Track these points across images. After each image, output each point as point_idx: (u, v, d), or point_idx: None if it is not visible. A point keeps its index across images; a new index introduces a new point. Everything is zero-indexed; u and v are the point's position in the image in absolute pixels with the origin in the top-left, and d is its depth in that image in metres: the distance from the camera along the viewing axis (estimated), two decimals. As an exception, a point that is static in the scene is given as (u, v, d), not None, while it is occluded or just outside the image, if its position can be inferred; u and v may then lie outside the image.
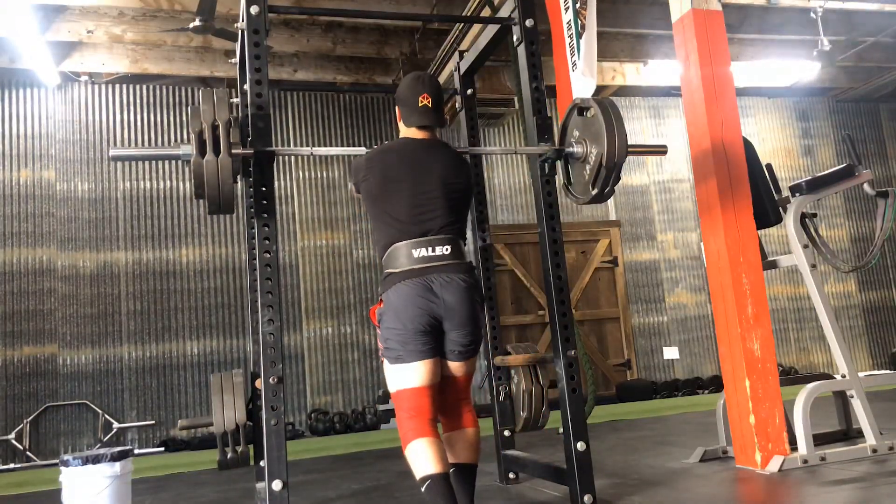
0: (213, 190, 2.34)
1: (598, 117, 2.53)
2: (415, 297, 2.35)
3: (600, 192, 2.57)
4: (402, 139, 2.58)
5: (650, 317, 8.05)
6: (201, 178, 2.34)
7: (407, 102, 2.54)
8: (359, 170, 2.53)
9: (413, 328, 2.35)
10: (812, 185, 3.56)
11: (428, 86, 2.54)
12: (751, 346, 3.14)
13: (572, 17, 3.12)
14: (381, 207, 2.46)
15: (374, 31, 6.57)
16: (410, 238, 2.40)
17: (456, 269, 2.41)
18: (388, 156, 2.51)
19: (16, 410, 6.19)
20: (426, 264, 2.38)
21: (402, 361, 2.39)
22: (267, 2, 2.56)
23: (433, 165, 2.48)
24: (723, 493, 2.81)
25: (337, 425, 6.57)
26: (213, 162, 2.31)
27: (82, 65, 6.47)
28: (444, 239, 2.42)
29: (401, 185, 2.44)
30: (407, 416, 2.37)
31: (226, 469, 2.84)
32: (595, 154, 2.54)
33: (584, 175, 2.63)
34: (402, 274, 2.38)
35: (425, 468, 2.26)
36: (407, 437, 2.33)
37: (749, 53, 7.33)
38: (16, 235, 6.44)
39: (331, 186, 7.35)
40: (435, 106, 2.52)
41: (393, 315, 2.38)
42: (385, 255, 2.46)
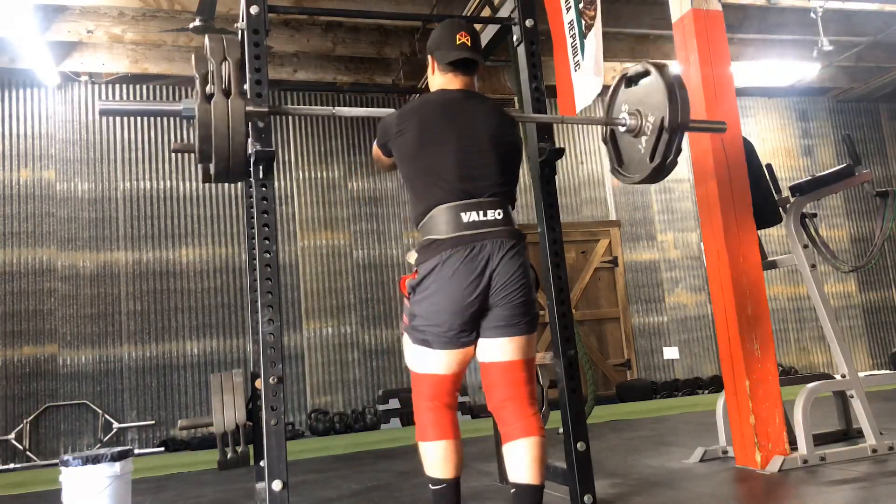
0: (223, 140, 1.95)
1: (655, 81, 2.33)
2: (464, 269, 2.02)
3: (661, 163, 2.32)
4: (439, 91, 2.26)
5: (650, 317, 8.05)
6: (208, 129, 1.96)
7: (441, 43, 2.25)
8: (389, 127, 2.21)
9: (455, 309, 2.03)
10: (812, 186, 3.56)
11: (465, 26, 2.27)
12: (751, 346, 3.14)
13: (575, 17, 3.12)
14: (420, 166, 2.14)
15: (374, 31, 6.57)
16: (458, 199, 2.08)
17: (509, 235, 2.09)
18: (426, 107, 2.19)
19: (16, 410, 6.19)
20: (477, 230, 2.06)
21: (427, 346, 2.11)
22: (267, 2, 2.55)
23: (480, 116, 2.19)
24: (723, 493, 2.81)
25: (337, 425, 6.57)
26: (222, 105, 1.96)
27: (82, 65, 6.47)
28: (496, 202, 2.11)
29: (444, 139, 2.12)
30: (427, 407, 2.13)
31: (226, 469, 2.85)
32: (653, 122, 2.32)
33: (639, 150, 2.41)
34: (448, 242, 2.05)
35: (440, 471, 2.09)
36: (426, 433, 2.12)
37: (749, 53, 7.33)
38: (16, 235, 6.44)
39: (331, 186, 7.35)
40: (474, 44, 2.24)
41: (432, 289, 2.06)
42: (424, 220, 2.13)
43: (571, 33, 3.15)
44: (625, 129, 2.48)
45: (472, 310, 2.05)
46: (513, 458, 2.07)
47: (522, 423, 2.08)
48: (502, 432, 2.13)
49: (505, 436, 2.11)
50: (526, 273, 2.11)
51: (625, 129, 2.48)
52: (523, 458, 2.05)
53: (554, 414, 2.79)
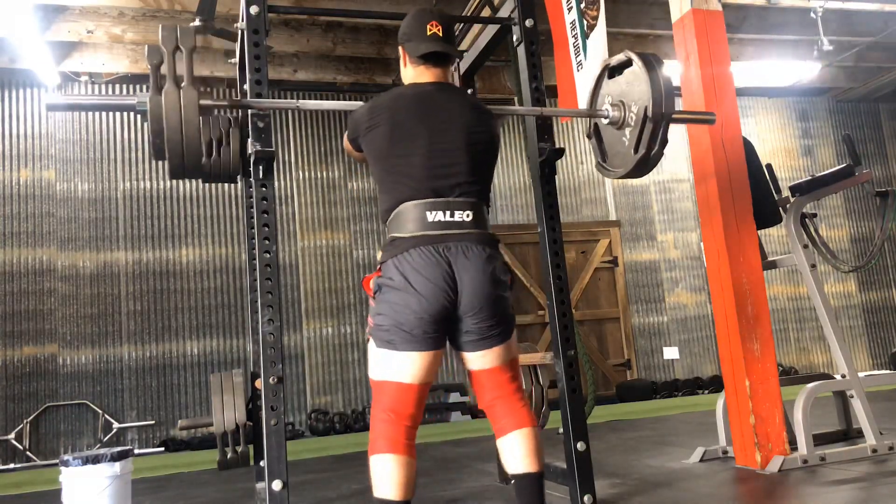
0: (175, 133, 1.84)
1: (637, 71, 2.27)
2: (427, 267, 1.94)
3: (646, 155, 2.25)
4: (412, 85, 2.17)
5: (650, 317, 8.05)
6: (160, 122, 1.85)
7: (412, 34, 2.15)
8: (359, 121, 2.13)
9: (419, 307, 1.93)
10: (812, 186, 3.56)
11: (436, 15, 2.18)
12: (751, 346, 3.14)
13: (577, 17, 3.12)
14: (390, 163, 2.06)
15: (374, 31, 6.57)
16: (424, 198, 2.01)
17: (477, 239, 2.01)
18: (398, 102, 2.10)
19: (16, 410, 6.19)
20: (442, 230, 1.98)
21: (392, 348, 1.98)
22: (267, 2, 2.55)
23: (453, 112, 2.09)
24: (723, 493, 2.81)
25: (337, 425, 6.57)
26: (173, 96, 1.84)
27: (82, 65, 6.47)
28: (465, 203, 2.03)
29: (415, 135, 2.04)
30: (383, 419, 1.99)
31: (226, 469, 2.85)
32: (636, 112, 2.26)
33: (623, 142, 2.37)
34: (411, 240, 1.98)
35: (386, 491, 1.93)
36: (376, 446, 1.97)
37: (749, 53, 7.33)
38: (16, 235, 6.44)
39: (331, 186, 7.35)
40: (446, 35, 2.14)
41: (395, 287, 1.97)
42: (391, 217, 2.05)
43: (573, 33, 3.15)
44: (608, 120, 2.43)
45: (436, 313, 1.95)
46: (508, 451, 2.07)
47: (513, 417, 2.08)
48: (495, 428, 2.12)
49: (498, 431, 2.11)
50: (495, 283, 2.01)
51: (608, 120, 2.43)
52: (518, 449, 2.05)
53: (554, 414, 2.79)
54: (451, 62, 2.23)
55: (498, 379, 2.09)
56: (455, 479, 3.53)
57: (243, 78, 3.13)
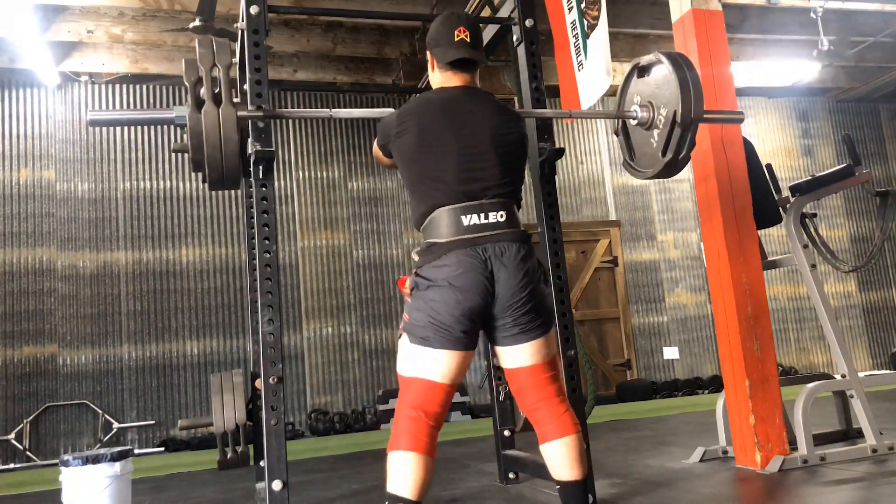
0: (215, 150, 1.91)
1: (668, 72, 2.23)
2: (465, 266, 1.97)
3: (674, 159, 2.24)
4: (440, 89, 2.20)
5: (650, 317, 8.05)
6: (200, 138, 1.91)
7: (440, 40, 2.17)
8: (389, 128, 2.16)
9: (456, 304, 1.96)
10: (812, 186, 3.56)
11: (464, 19, 2.19)
12: (751, 346, 3.14)
13: (577, 17, 3.12)
14: (421, 168, 2.09)
15: (374, 31, 6.57)
16: (458, 202, 2.03)
17: (512, 238, 2.03)
18: (426, 108, 2.13)
19: (16, 410, 6.19)
20: (478, 233, 2.01)
21: (426, 344, 1.99)
22: (267, 2, 2.56)
23: (481, 115, 2.12)
24: (723, 493, 2.81)
25: (337, 425, 6.57)
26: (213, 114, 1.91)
27: (82, 65, 6.47)
28: (499, 203, 2.05)
29: (444, 140, 2.07)
30: (408, 415, 1.99)
31: (226, 469, 2.85)
32: (665, 115, 2.24)
33: (651, 143, 2.35)
34: (448, 244, 2.00)
35: (402, 488, 1.94)
36: (398, 442, 1.98)
37: (749, 53, 7.33)
38: (16, 235, 6.44)
39: (331, 186, 7.35)
40: (474, 41, 2.16)
41: (433, 285, 1.99)
42: (426, 222, 2.08)
43: (574, 33, 3.15)
44: (636, 121, 2.42)
45: (473, 310, 1.98)
46: (551, 458, 2.09)
47: (556, 423, 2.08)
48: (538, 433, 2.13)
49: (541, 436, 2.12)
50: (532, 277, 2.04)
51: (636, 121, 2.42)
52: (562, 457, 2.07)
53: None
54: (479, 67, 2.24)
55: (538, 379, 2.08)
56: (455, 479, 3.53)
57: (243, 78, 3.13)
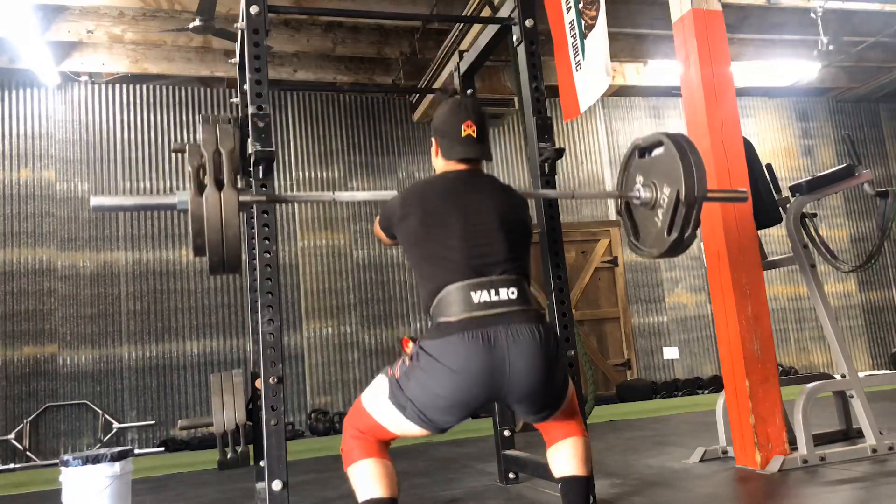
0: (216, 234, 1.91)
1: (669, 151, 2.24)
2: (472, 353, 1.86)
3: (679, 238, 2.21)
4: (443, 173, 2.19)
5: (650, 317, 8.05)
6: (201, 223, 1.91)
7: (447, 132, 2.17)
8: (392, 211, 2.14)
9: (451, 393, 1.88)
10: (812, 186, 3.56)
11: (472, 112, 2.17)
12: (751, 346, 3.14)
13: (575, 17, 3.12)
14: (427, 249, 2.04)
15: (374, 31, 6.57)
16: (467, 278, 1.95)
17: (525, 318, 1.94)
18: (428, 189, 2.13)
19: (16, 410, 6.19)
20: (488, 311, 1.92)
21: (402, 413, 1.96)
22: (267, 2, 2.56)
23: (484, 195, 2.10)
24: (723, 493, 2.81)
25: (337, 425, 6.57)
26: (214, 198, 1.92)
27: (82, 65, 6.47)
28: (509, 280, 1.98)
29: (448, 220, 2.03)
30: (353, 435, 2.03)
31: (226, 469, 2.84)
32: (668, 194, 2.23)
33: (655, 223, 2.33)
34: (458, 324, 1.90)
35: (370, 491, 1.95)
36: (351, 457, 2.01)
37: (749, 53, 7.33)
38: (16, 235, 6.44)
39: (331, 186, 7.35)
40: (480, 135, 2.16)
41: (434, 364, 1.89)
42: (435, 302, 1.98)
43: (572, 33, 3.15)
44: (639, 201, 2.40)
45: (471, 408, 1.93)
46: (557, 458, 2.13)
47: (564, 428, 2.14)
48: (546, 438, 2.18)
49: (549, 441, 2.17)
50: (552, 365, 1.95)
51: (639, 201, 2.40)
52: (567, 454, 2.10)
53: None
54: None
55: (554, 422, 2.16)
56: (455, 479, 3.53)
57: (243, 78, 3.13)
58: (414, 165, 7.62)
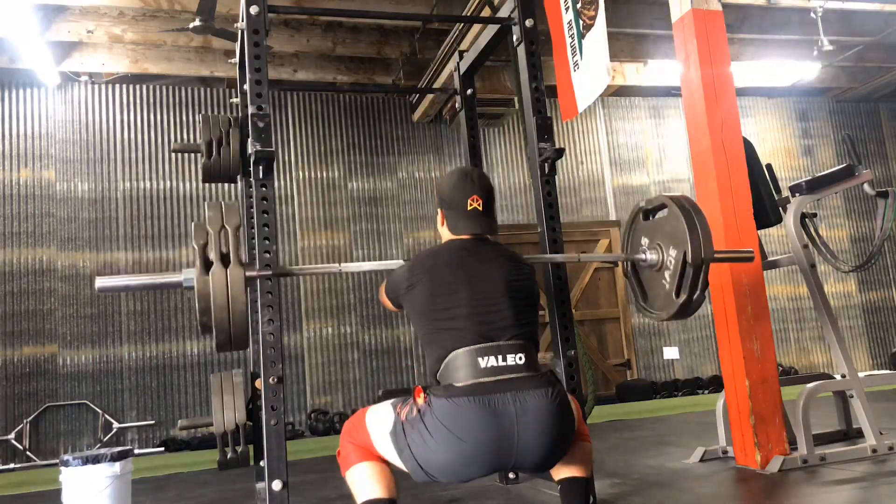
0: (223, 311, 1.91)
1: (673, 213, 2.23)
2: (480, 426, 1.83)
3: (689, 300, 2.20)
4: (448, 242, 2.19)
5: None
6: (207, 300, 1.92)
7: (453, 205, 2.17)
8: (399, 281, 2.16)
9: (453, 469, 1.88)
10: (812, 185, 3.56)
11: (478, 185, 2.17)
12: (751, 346, 3.14)
13: (573, 17, 3.12)
14: (434, 317, 2.04)
15: (374, 31, 6.57)
16: (474, 343, 1.95)
17: (534, 384, 1.91)
18: (435, 259, 2.13)
19: (16, 410, 6.19)
20: (495, 377, 1.90)
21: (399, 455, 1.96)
22: (267, 2, 2.55)
23: (491, 263, 2.11)
24: (723, 493, 2.81)
25: (337, 425, 6.57)
26: (220, 275, 1.93)
27: (82, 65, 6.47)
28: (517, 345, 1.97)
29: (456, 289, 2.03)
30: (350, 442, 2.08)
31: (226, 469, 2.84)
32: (675, 256, 2.23)
33: (663, 285, 2.32)
34: (465, 389, 1.88)
35: (369, 492, 1.97)
36: (348, 461, 2.04)
37: (749, 53, 7.33)
38: (16, 235, 6.44)
39: (331, 186, 7.35)
40: (486, 208, 2.16)
41: (440, 434, 1.86)
42: (441, 367, 1.98)
43: (570, 33, 3.15)
44: (646, 264, 2.40)
45: (474, 475, 1.92)
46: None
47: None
48: None
49: None
50: (559, 432, 1.92)
51: (646, 264, 2.40)
52: (567, 456, 2.08)
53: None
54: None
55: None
56: (455, 479, 3.53)
57: (243, 78, 3.13)
58: (414, 165, 7.62)
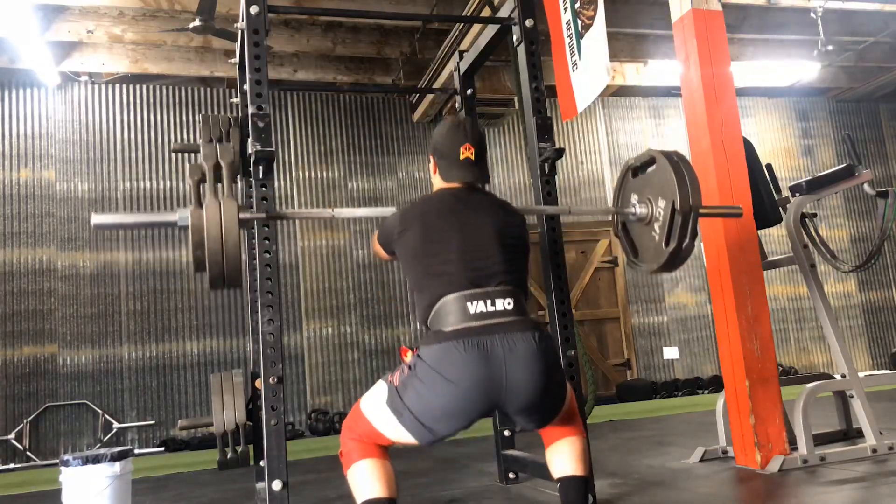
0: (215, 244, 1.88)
1: (662, 166, 2.28)
2: (470, 363, 1.86)
3: (678, 248, 2.23)
4: (440, 190, 2.23)
5: (650, 317, 8.05)
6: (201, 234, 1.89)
7: (445, 154, 2.20)
8: (391, 228, 2.18)
9: (449, 403, 1.88)
10: (812, 185, 3.56)
11: (470, 135, 2.19)
12: (751, 346, 3.14)
13: (571, 17, 3.12)
14: (425, 264, 2.07)
15: (374, 31, 6.57)
16: (463, 290, 1.98)
17: (521, 327, 1.95)
18: (427, 206, 2.16)
19: (16, 410, 6.19)
20: (484, 321, 1.93)
21: (399, 420, 1.96)
22: (267, 2, 2.55)
23: (482, 212, 2.13)
24: (723, 493, 2.81)
25: (337, 425, 6.57)
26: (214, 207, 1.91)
27: (82, 65, 6.47)
28: (505, 291, 2.00)
29: (447, 235, 2.06)
30: (353, 438, 2.05)
31: (226, 469, 2.85)
32: (664, 207, 2.27)
33: (653, 237, 2.36)
34: (454, 333, 1.92)
35: (369, 491, 1.97)
36: (350, 458, 2.03)
37: (749, 53, 7.33)
38: (16, 235, 6.44)
39: (331, 186, 7.35)
40: (478, 157, 2.19)
41: (432, 380, 1.89)
42: (431, 313, 2.01)
43: (569, 33, 3.15)
44: (635, 217, 2.43)
45: (469, 419, 1.94)
46: (555, 458, 2.15)
47: (563, 428, 2.17)
48: (545, 438, 2.20)
49: (547, 440, 2.19)
50: (547, 374, 1.94)
51: (635, 217, 2.43)
52: (565, 454, 2.12)
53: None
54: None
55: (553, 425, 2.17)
56: (455, 479, 3.53)
57: (243, 78, 3.13)
58: (414, 165, 7.61)
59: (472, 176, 2.19)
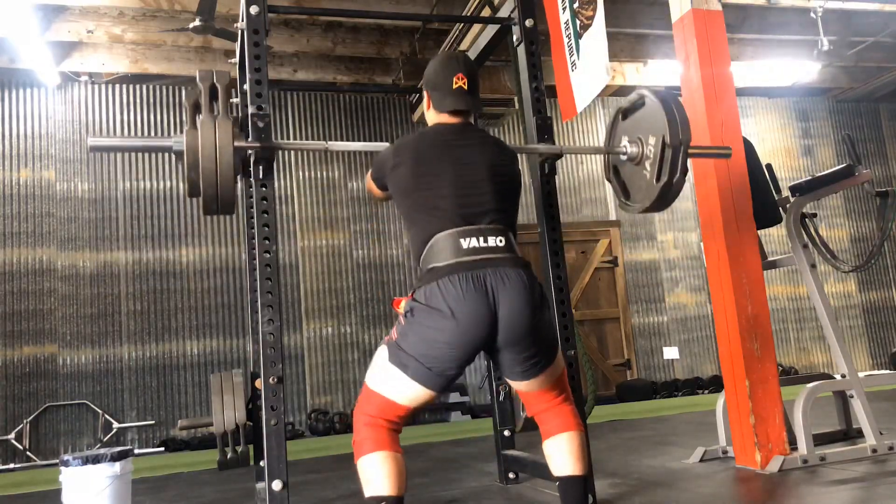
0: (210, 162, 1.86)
1: (652, 105, 2.30)
2: (466, 294, 1.90)
3: (668, 183, 2.26)
4: (434, 125, 2.23)
5: (650, 317, 8.05)
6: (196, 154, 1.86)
7: (438, 85, 2.20)
8: (384, 162, 2.19)
9: (452, 336, 1.90)
10: (812, 185, 3.56)
11: (463, 65, 2.21)
12: (751, 346, 3.14)
13: (570, 17, 3.12)
14: (417, 198, 2.08)
15: (374, 31, 6.57)
16: (456, 226, 2.01)
17: (512, 263, 1.99)
18: (420, 140, 2.16)
19: (16, 410, 6.19)
20: (477, 256, 1.96)
21: (404, 372, 1.97)
22: (267, 2, 2.55)
23: (475, 147, 2.14)
24: (723, 493, 2.81)
25: (337, 425, 6.57)
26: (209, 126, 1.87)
27: (82, 65, 6.47)
28: (497, 229, 2.04)
29: (440, 171, 2.07)
30: (366, 423, 2.02)
31: (226, 469, 2.85)
32: (654, 143, 2.29)
33: (644, 175, 2.39)
34: (447, 268, 1.95)
35: (377, 487, 1.94)
36: (362, 448, 1.99)
37: (749, 53, 7.33)
38: (16, 235, 6.45)
39: (331, 186, 7.35)
40: (471, 87, 2.19)
41: (430, 312, 1.92)
42: (424, 251, 2.03)
43: (567, 33, 3.15)
44: (626, 157, 2.46)
45: (470, 343, 1.94)
46: (554, 453, 2.13)
47: (560, 420, 2.14)
48: (542, 430, 2.17)
49: (544, 434, 2.16)
50: (537, 308, 1.99)
51: (626, 157, 2.46)
52: (563, 452, 2.10)
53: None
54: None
55: (546, 396, 2.15)
56: (455, 479, 3.53)
57: (243, 78, 3.13)
58: (414, 165, 7.61)
59: (465, 104, 2.18)
